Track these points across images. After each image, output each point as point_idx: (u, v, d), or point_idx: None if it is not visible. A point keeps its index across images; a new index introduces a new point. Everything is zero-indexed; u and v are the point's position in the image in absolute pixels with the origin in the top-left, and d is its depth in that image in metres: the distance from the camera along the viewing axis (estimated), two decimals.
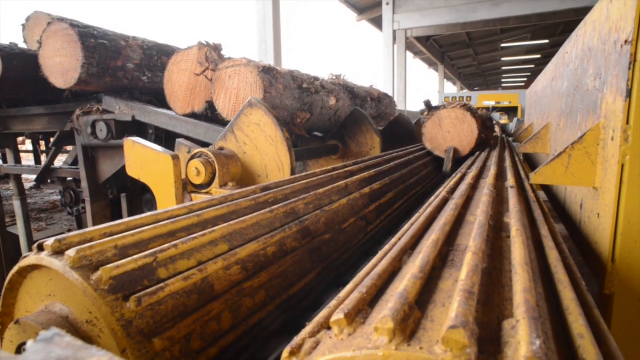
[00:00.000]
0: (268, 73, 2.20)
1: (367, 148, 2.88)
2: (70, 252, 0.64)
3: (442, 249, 0.68)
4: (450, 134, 2.69)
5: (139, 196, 3.12)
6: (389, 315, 0.42)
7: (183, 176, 1.80)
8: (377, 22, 13.69)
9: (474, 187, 1.31)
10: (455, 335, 0.39)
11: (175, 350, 0.66)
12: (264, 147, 1.83)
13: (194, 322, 0.70)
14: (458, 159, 2.62)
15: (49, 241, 0.67)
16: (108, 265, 0.65)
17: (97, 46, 2.62)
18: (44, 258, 0.66)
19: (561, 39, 15.10)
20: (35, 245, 0.69)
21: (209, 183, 1.77)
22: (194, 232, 0.82)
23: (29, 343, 0.25)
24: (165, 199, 1.74)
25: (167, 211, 0.88)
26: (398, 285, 0.52)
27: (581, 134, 1.32)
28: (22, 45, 3.51)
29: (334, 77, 3.28)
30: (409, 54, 19.25)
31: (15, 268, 0.71)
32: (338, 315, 0.46)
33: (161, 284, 0.68)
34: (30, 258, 0.68)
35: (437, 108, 2.75)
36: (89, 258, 0.66)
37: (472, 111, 2.68)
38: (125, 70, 2.85)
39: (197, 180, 1.77)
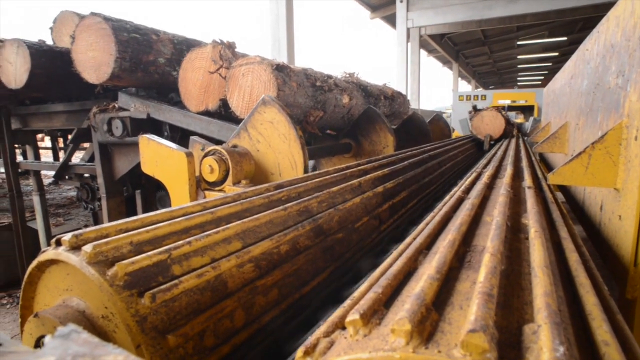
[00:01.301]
0: (282, 71, 2.20)
1: (381, 147, 2.86)
2: (87, 248, 0.65)
3: (459, 250, 0.67)
4: (488, 125, 4.60)
5: (153, 193, 3.17)
6: (406, 317, 0.41)
7: (197, 174, 1.81)
8: (391, 19, 13.58)
9: (490, 187, 1.29)
10: (475, 340, 0.38)
11: (189, 347, 0.66)
12: (277, 145, 1.83)
13: (207, 319, 0.70)
14: (492, 142, 4.47)
15: (67, 237, 0.68)
16: (123, 262, 0.65)
17: (130, 40, 2.60)
18: (61, 253, 0.67)
19: (580, 36, 14.75)
20: (54, 240, 0.70)
21: (222, 181, 1.78)
22: (208, 230, 0.83)
23: (47, 339, 0.25)
24: (179, 196, 1.76)
25: (182, 208, 0.88)
26: (414, 286, 0.51)
27: (602, 133, 1.28)
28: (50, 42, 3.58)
29: (347, 75, 3.26)
30: (423, 52, 19.04)
31: (34, 262, 0.72)
32: (353, 315, 0.45)
33: (175, 281, 0.68)
34: (48, 253, 0.69)
35: (480, 110, 4.69)
36: (105, 254, 0.66)
37: (502, 113, 4.61)
38: (156, 65, 2.84)
39: (211, 177, 1.78)
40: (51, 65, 2.92)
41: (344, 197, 1.25)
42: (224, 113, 2.52)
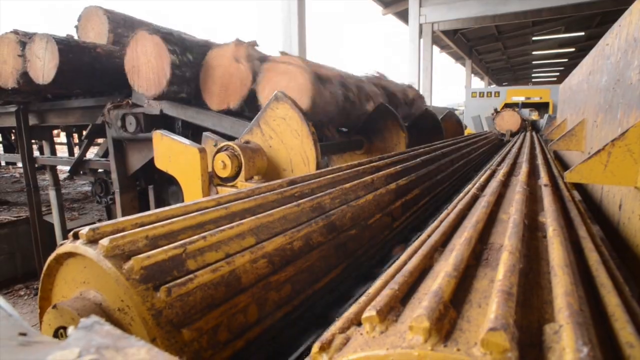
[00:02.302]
0: (320, 82, 2.19)
1: (393, 144, 2.84)
2: (104, 242, 0.66)
3: (476, 247, 0.66)
4: (507, 122, 6.36)
5: (166, 188, 3.20)
6: (424, 315, 0.40)
7: (209, 169, 1.83)
8: (404, 15, 13.44)
9: (505, 184, 1.27)
10: (496, 338, 0.37)
11: (203, 342, 0.67)
12: (289, 141, 1.83)
13: (221, 314, 0.70)
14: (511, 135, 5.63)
15: (84, 230, 0.69)
16: (140, 256, 0.66)
17: (182, 64, 2.52)
18: (79, 246, 0.68)
19: (598, 31, 14.39)
20: (71, 233, 0.71)
21: (235, 176, 1.79)
22: (222, 225, 0.83)
23: (71, 330, 0.25)
24: (192, 191, 1.77)
25: (196, 203, 0.89)
26: (431, 284, 0.51)
27: (622, 130, 1.25)
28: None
29: (376, 74, 3.25)
30: (436, 49, 18.80)
31: (53, 255, 0.73)
32: (370, 312, 0.45)
33: (190, 276, 0.69)
34: (67, 246, 0.70)
35: (500, 111, 6.45)
36: (121, 248, 0.67)
37: (518, 112, 6.33)
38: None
39: (224, 173, 1.79)
40: (78, 62, 2.91)
41: (356, 193, 1.25)
42: (247, 113, 2.52)
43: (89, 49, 3.00)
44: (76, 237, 0.70)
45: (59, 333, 0.66)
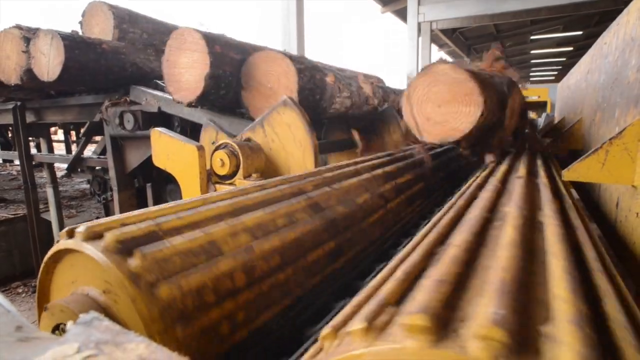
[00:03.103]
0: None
1: (390, 148, 2.85)
2: (80, 229, 0.68)
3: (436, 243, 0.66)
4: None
5: (164, 186, 3.20)
6: (421, 312, 0.41)
7: (208, 167, 1.82)
8: (402, 13, 13.42)
9: (503, 182, 1.27)
10: (494, 333, 0.37)
11: (187, 302, 0.66)
12: (291, 150, 1.82)
13: (204, 275, 0.70)
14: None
15: (65, 230, 0.71)
16: (113, 230, 0.68)
17: (221, 76, 2.30)
18: (69, 242, 0.70)
19: (596, 31, 14.39)
20: (63, 232, 0.72)
21: (233, 174, 1.79)
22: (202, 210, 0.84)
23: (69, 325, 0.25)
24: (190, 189, 1.77)
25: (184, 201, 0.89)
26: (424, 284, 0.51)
27: (620, 129, 1.25)
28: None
29: (374, 81, 3.27)
30: (434, 47, 18.80)
31: (49, 253, 0.74)
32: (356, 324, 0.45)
33: (165, 241, 0.70)
34: (61, 243, 0.71)
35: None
36: (98, 233, 0.68)
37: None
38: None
39: (222, 171, 1.79)
40: (84, 58, 2.83)
41: (341, 182, 1.25)
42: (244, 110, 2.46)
43: (94, 45, 2.93)
44: (70, 235, 0.71)
45: (57, 330, 0.66)
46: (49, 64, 2.76)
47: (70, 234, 0.70)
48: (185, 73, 2.30)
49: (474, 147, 1.57)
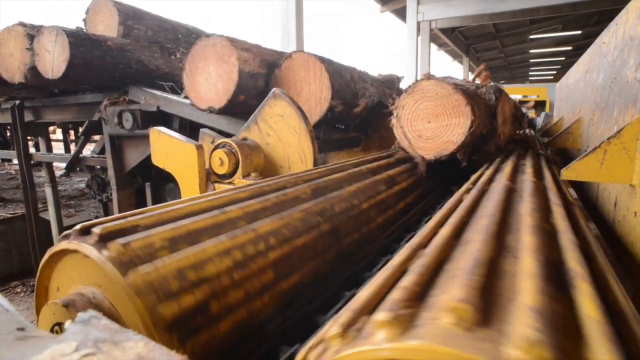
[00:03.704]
0: None
1: (391, 142, 2.84)
2: (77, 227, 0.69)
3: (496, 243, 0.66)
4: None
5: (163, 185, 3.19)
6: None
7: (207, 166, 1.82)
8: (401, 13, 13.42)
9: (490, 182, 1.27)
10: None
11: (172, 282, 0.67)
12: (287, 138, 1.83)
13: (185, 258, 0.71)
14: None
15: (68, 232, 0.71)
16: (99, 226, 0.69)
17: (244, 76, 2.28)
18: (69, 243, 0.70)
19: (595, 30, 14.42)
20: (61, 236, 0.72)
21: (232, 173, 1.79)
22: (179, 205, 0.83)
23: (68, 324, 0.25)
24: (189, 188, 1.77)
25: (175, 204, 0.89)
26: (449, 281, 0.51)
27: (618, 128, 1.25)
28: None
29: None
30: (433, 46, 18.80)
31: (47, 254, 0.74)
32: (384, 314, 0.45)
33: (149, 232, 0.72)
34: (59, 244, 0.72)
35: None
36: (88, 229, 0.69)
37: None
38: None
39: (221, 170, 1.78)
40: (89, 55, 2.78)
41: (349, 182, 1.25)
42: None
43: (99, 42, 2.88)
44: (65, 237, 0.71)
45: (55, 329, 0.66)
46: (53, 61, 2.72)
47: (68, 235, 0.70)
48: (217, 81, 2.32)
49: (471, 157, 1.59)
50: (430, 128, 1.57)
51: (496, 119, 1.74)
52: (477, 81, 2.03)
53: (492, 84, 2.02)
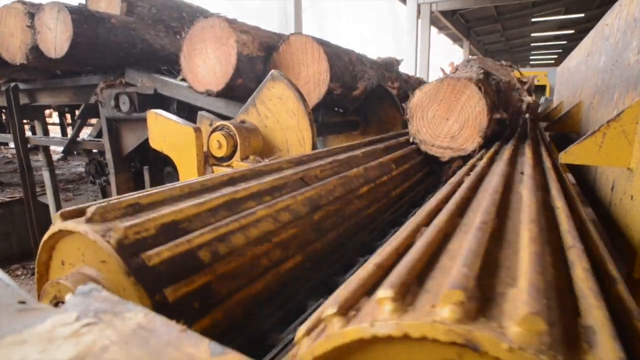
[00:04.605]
0: None
1: (390, 125, 2.83)
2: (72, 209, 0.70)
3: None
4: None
5: (161, 169, 3.19)
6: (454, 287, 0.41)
7: (205, 149, 1.81)
8: None
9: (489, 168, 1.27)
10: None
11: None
12: (285, 121, 1.81)
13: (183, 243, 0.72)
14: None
15: (60, 212, 0.72)
16: (98, 206, 0.69)
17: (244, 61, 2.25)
18: (59, 223, 0.70)
19: (598, 13, 14.20)
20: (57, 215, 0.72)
21: (230, 156, 1.78)
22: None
23: (68, 296, 0.26)
24: (187, 171, 1.76)
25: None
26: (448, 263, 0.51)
27: (618, 111, 1.25)
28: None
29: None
30: (434, 29, 18.51)
31: (46, 235, 0.74)
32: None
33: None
34: (57, 225, 0.72)
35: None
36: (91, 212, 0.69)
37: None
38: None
39: (219, 153, 1.78)
40: (93, 33, 2.63)
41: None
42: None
43: (103, 20, 2.74)
44: (61, 217, 0.71)
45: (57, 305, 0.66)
46: (55, 40, 2.59)
47: (66, 216, 0.71)
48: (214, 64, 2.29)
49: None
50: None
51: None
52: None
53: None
